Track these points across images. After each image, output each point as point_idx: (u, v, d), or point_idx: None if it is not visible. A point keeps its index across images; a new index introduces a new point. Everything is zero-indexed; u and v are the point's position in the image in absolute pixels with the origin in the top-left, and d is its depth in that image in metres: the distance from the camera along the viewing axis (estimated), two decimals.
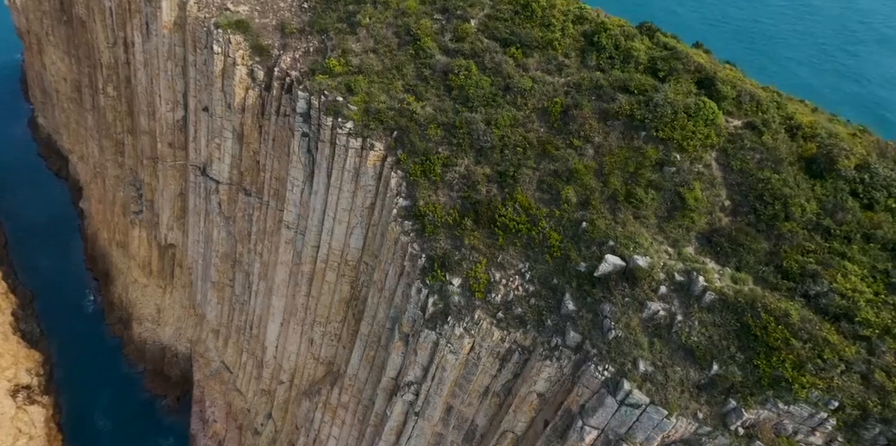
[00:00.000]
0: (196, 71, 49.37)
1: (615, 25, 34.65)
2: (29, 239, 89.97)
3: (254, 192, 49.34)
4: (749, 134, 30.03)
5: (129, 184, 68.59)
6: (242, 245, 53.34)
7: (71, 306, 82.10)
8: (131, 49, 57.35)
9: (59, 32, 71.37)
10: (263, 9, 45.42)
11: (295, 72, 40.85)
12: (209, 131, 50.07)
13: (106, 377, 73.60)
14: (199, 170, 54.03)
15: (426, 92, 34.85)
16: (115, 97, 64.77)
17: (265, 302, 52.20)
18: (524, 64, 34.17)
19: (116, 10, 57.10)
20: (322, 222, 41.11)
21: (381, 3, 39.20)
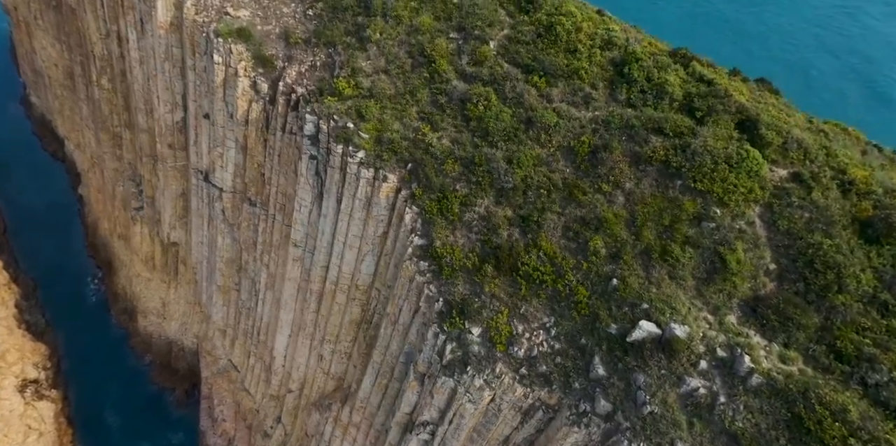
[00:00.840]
0: (195, 75, 47.17)
1: (646, 54, 32.41)
2: (28, 224, 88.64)
3: (259, 204, 47.87)
4: (796, 188, 28.22)
5: (129, 179, 66.85)
6: (248, 253, 52.22)
7: (74, 295, 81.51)
8: (126, 44, 54.76)
9: (48, 17, 68.23)
10: (265, 14, 42.89)
11: (301, 88, 38.77)
12: (210, 139, 48.21)
13: (113, 369, 73.62)
14: (201, 174, 52.37)
15: (442, 121, 32.99)
16: (111, 90, 62.36)
17: (272, 311, 51.46)
18: (548, 94, 32.17)
19: (108, 3, 54.22)
20: (331, 245, 39.87)
21: (393, 18, 36.78)
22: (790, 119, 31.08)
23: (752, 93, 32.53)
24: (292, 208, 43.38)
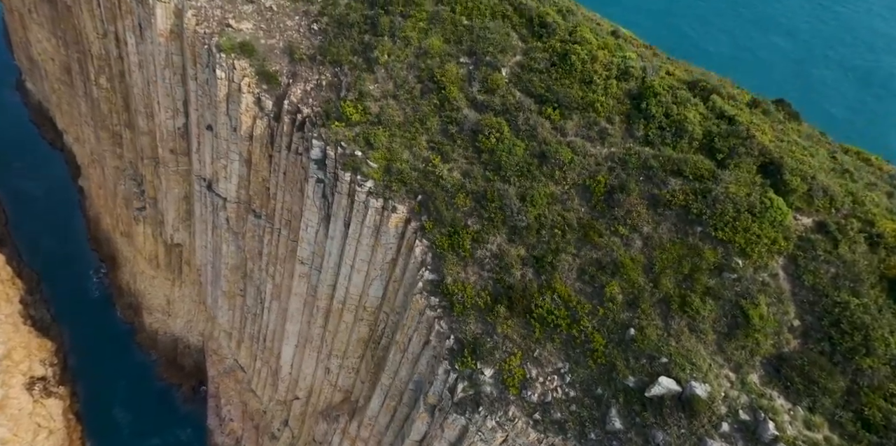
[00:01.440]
0: (197, 85, 46.11)
1: (664, 87, 31.36)
2: (29, 216, 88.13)
3: (264, 216, 47.37)
4: (822, 240, 27.47)
5: (130, 178, 66.14)
6: (253, 262, 51.93)
7: (78, 289, 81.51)
8: (124, 47, 53.43)
9: (42, 11, 66.45)
10: (269, 27, 41.65)
11: (307, 108, 37.86)
12: (213, 150, 47.40)
13: (120, 365, 74.06)
14: (205, 182, 51.70)
15: (453, 151, 32.27)
16: (109, 89, 61.16)
17: (278, 321, 51.44)
18: (562, 127, 31.32)
19: (105, 4, 52.66)
20: (339, 266, 39.54)
21: (401, 38, 35.64)
22: (813, 160, 30.03)
23: (773, 128, 31.36)
24: (298, 225, 42.90)
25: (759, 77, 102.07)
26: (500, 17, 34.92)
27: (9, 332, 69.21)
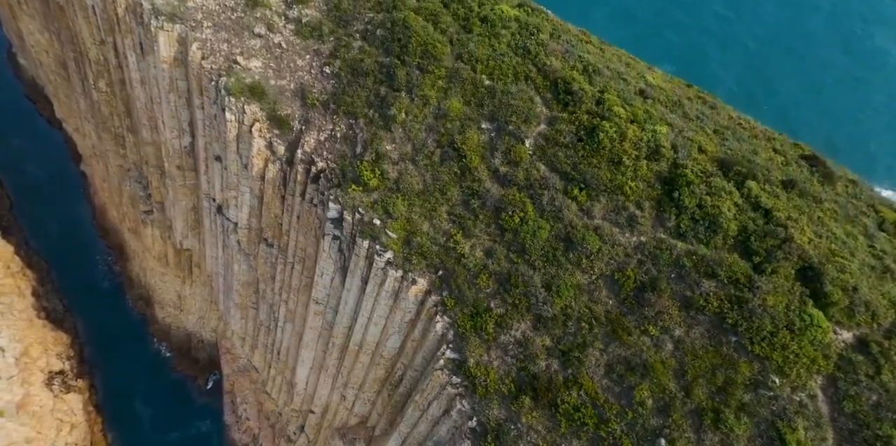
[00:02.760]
0: (204, 115, 44.66)
1: (696, 173, 30.12)
2: (34, 199, 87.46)
3: (276, 247, 47.00)
4: (864, 362, 26.95)
5: (135, 180, 65.12)
6: (266, 284, 51.98)
7: (88, 277, 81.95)
8: (124, 59, 51.26)
9: (33, 4, 63.27)
10: (279, 66, 39.82)
11: (321, 161, 36.81)
12: (223, 180, 46.48)
13: (136, 355, 75.57)
14: (214, 203, 50.99)
15: (474, 227, 31.63)
16: (110, 93, 59.17)
17: (293, 341, 52.07)
18: (588, 209, 30.45)
19: (101, 15, 50.07)
20: (356, 314, 39.61)
21: (419, 96, 34.13)
22: (854, 261, 28.97)
23: (811, 219, 29.89)
24: (313, 265, 42.66)
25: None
26: (524, 79, 33.30)
27: (24, 329, 70.22)
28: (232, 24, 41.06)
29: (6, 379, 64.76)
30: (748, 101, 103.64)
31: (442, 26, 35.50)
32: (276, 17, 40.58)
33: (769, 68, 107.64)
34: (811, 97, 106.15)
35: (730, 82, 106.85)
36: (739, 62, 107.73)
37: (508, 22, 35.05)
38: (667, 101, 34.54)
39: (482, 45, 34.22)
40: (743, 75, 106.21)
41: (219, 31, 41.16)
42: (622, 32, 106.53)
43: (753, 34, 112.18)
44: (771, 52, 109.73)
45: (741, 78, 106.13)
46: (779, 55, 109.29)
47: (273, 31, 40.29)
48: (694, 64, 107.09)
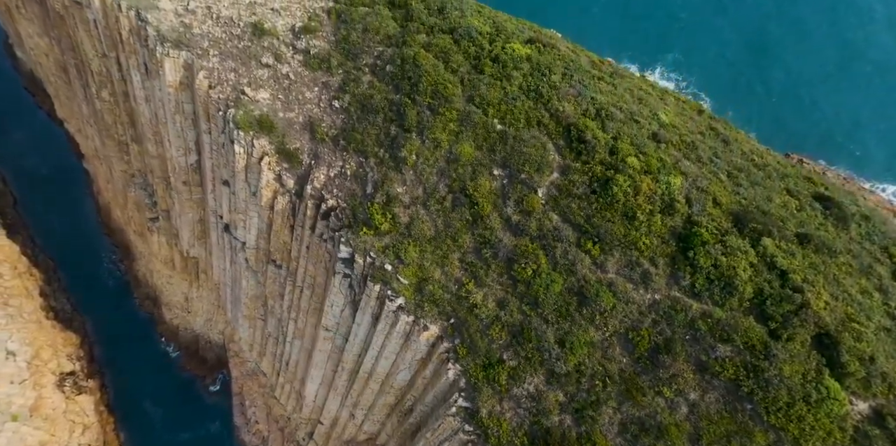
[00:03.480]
0: (211, 140, 44.30)
1: (711, 231, 29.92)
2: (37, 195, 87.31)
3: (286, 269, 47.16)
4: (880, 435, 27.14)
5: (140, 187, 64.91)
6: (274, 301, 52.33)
7: (94, 275, 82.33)
8: (127, 76, 50.52)
9: (32, 9, 62.01)
10: (287, 98, 39.33)
11: (331, 199, 36.71)
12: (231, 203, 46.40)
13: (144, 355, 76.44)
14: (221, 220, 51.01)
15: (486, 276, 31.74)
16: (113, 103, 58.50)
17: (302, 356, 52.67)
18: (602, 263, 30.44)
19: (104, 32, 49.16)
20: (366, 346, 40.01)
21: (430, 139, 33.82)
22: (870, 326, 29.03)
23: (826, 279, 29.76)
24: (323, 293, 42.91)
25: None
26: (536, 124, 32.94)
27: (34, 331, 70.97)
28: (239, 52, 40.41)
29: (18, 384, 65.78)
30: (748, 91, 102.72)
31: (453, 65, 34.96)
32: (283, 47, 39.90)
33: (770, 57, 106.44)
34: (807, 88, 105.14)
35: (728, 74, 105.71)
36: (740, 56, 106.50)
37: (520, 63, 34.49)
38: (680, 142, 34.22)
39: (494, 88, 33.76)
40: (741, 66, 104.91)
41: (226, 60, 40.54)
42: (623, 23, 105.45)
43: (753, 23, 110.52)
44: (768, 37, 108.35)
45: (741, 69, 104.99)
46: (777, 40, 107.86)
47: (281, 61, 39.68)
48: (695, 51, 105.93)
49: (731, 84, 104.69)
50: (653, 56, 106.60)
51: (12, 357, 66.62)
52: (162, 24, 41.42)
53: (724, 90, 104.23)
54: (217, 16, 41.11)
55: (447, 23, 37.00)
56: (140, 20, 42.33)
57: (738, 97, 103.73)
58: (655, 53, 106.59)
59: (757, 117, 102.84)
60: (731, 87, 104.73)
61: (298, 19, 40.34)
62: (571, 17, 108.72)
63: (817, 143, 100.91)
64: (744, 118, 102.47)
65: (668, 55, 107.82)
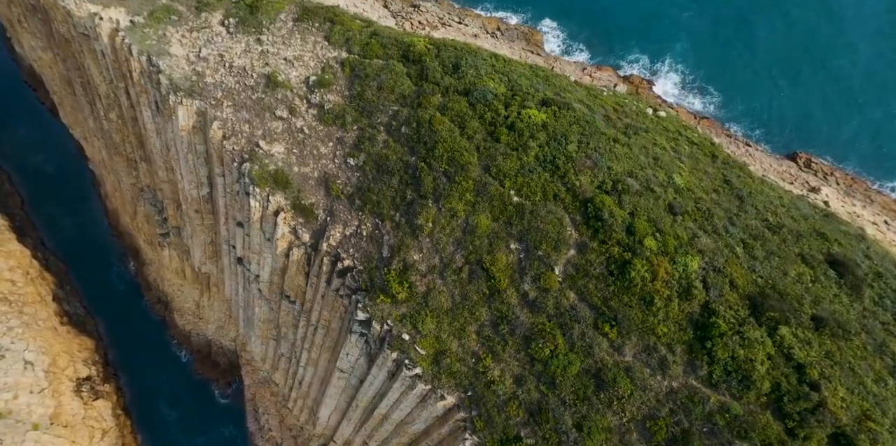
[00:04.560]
0: (224, 184, 44.42)
1: (728, 321, 30.36)
2: (44, 194, 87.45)
3: (300, 306, 47.94)
4: None
5: (150, 203, 65.11)
6: (287, 328, 53.32)
7: (105, 277, 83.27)
8: (138, 108, 50.15)
9: (34, 25, 60.87)
10: (302, 153, 39.37)
11: (348, 259, 37.22)
12: (245, 243, 46.81)
13: (158, 358, 78.09)
14: (234, 250, 51.48)
15: (503, 352, 32.52)
16: (121, 124, 58.17)
17: (315, 381, 53.93)
18: (619, 347, 31.08)
19: (112, 65, 48.57)
20: (381, 395, 41.04)
21: (447, 209, 34.09)
22: (885, 423, 29.66)
23: (842, 372, 30.21)
24: (337, 335, 43.81)
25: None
26: (552, 198, 33.12)
27: (49, 339, 72.44)
28: (253, 104, 40.21)
29: (38, 393, 67.62)
30: (757, 85, 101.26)
31: (469, 132, 34.91)
32: (297, 100, 39.66)
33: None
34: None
35: (736, 67, 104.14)
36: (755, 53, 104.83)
37: (536, 131, 34.41)
38: (695, 211, 34.41)
39: (510, 158, 33.83)
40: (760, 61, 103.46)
41: (239, 111, 40.38)
42: (632, 11, 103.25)
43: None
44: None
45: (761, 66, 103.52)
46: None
47: (295, 114, 39.53)
48: (703, 43, 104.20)
49: (739, 77, 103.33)
50: (661, 45, 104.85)
51: (31, 366, 68.24)
52: (174, 71, 41.05)
53: (733, 83, 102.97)
54: (230, 65, 40.70)
55: (462, 83, 36.73)
56: (152, 65, 41.91)
57: (747, 91, 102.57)
58: (663, 43, 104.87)
59: (766, 112, 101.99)
60: (739, 81, 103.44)
61: (312, 71, 39.98)
62: (581, 10, 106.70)
63: (825, 140, 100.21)
64: (752, 113, 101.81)
65: (677, 44, 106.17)
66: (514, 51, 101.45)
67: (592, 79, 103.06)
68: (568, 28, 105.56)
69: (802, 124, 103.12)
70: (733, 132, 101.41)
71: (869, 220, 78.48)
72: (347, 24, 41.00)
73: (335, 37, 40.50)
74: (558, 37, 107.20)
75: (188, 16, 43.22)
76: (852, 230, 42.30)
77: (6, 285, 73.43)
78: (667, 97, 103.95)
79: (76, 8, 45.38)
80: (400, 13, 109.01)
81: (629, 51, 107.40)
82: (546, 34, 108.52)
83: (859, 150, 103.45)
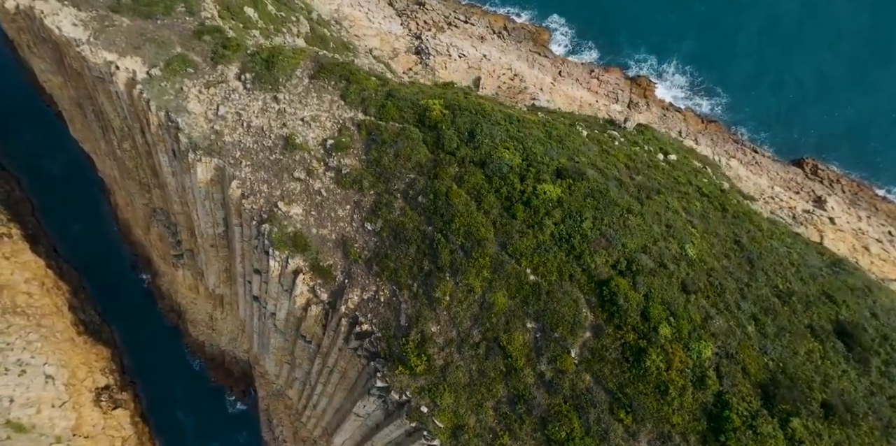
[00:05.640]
0: (242, 234, 45.25)
1: (741, 414, 31.49)
2: (54, 200, 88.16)
3: (315, 346, 49.30)
4: None
5: (163, 225, 65.95)
6: (302, 360, 54.83)
7: (118, 283, 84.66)
8: (154, 152, 50.54)
9: (44, 52, 60.59)
10: (320, 215, 40.14)
11: (366, 324, 38.39)
12: (262, 288, 47.89)
13: (172, 364, 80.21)
14: (249, 286, 52.63)
15: (520, 430, 33.83)
16: (135, 155, 58.60)
17: (329, 410, 55.78)
18: (635, 432, 32.32)
19: (128, 108, 48.78)
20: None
21: (464, 284, 35.08)
22: None
23: None
24: (353, 383, 45.23)
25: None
26: (568, 278, 34.05)
27: (67, 350, 74.38)
28: (271, 164, 40.78)
29: (59, 407, 69.86)
30: (764, 87, 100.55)
31: (485, 207, 35.63)
32: (315, 162, 40.21)
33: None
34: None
35: (743, 69, 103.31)
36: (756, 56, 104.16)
37: (552, 208, 35.13)
38: (708, 287, 35.41)
39: (526, 237, 34.66)
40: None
41: (258, 171, 40.98)
42: (641, 11, 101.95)
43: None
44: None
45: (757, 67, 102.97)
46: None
47: (313, 176, 40.14)
48: (711, 44, 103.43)
49: (747, 78, 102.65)
50: (669, 45, 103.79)
51: (51, 380, 70.30)
52: (193, 130, 41.48)
53: (740, 86, 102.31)
54: (248, 124, 41.09)
55: (478, 154, 37.24)
56: (170, 121, 42.28)
57: (754, 94, 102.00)
58: (671, 43, 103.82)
59: (773, 116, 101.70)
60: (746, 83, 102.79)
61: (329, 132, 40.40)
62: (588, 5, 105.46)
63: (833, 145, 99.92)
64: (759, 116, 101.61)
65: (684, 44, 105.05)
66: (522, 53, 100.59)
67: (600, 82, 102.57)
68: (576, 25, 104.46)
69: (811, 128, 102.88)
70: (740, 136, 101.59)
71: (874, 238, 79.39)
72: (363, 82, 41.15)
73: (351, 96, 40.76)
74: (566, 35, 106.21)
75: (204, 68, 43.36)
76: (859, 283, 43.13)
77: (23, 298, 74.93)
78: (675, 100, 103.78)
79: (91, 55, 45.45)
80: (405, 12, 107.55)
81: (636, 49, 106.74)
82: (554, 32, 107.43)
83: (866, 154, 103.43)
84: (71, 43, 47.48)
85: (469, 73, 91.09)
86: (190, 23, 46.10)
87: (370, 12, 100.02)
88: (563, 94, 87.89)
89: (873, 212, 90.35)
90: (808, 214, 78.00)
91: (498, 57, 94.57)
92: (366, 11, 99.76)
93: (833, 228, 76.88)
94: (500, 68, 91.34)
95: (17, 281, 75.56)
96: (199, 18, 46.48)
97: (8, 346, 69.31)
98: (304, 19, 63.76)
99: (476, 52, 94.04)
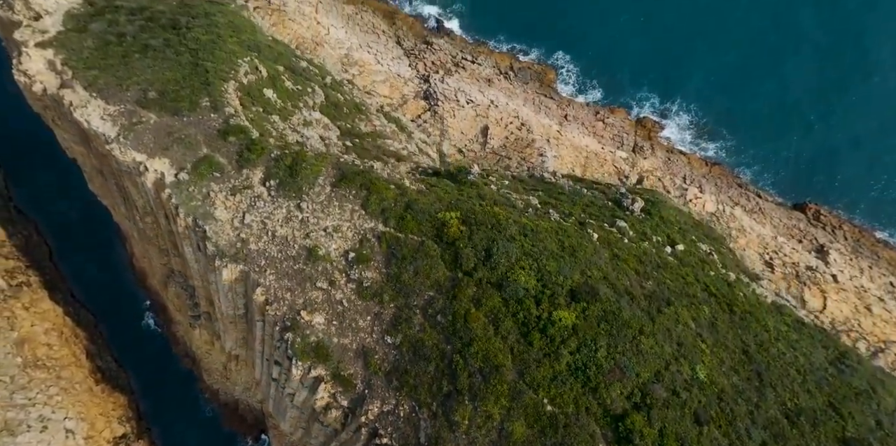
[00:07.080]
0: (265, 333, 46.88)
1: None
2: (70, 244, 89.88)
3: (333, 431, 51.08)
4: None
5: (181, 286, 67.66)
6: (318, 437, 56.63)
7: (133, 329, 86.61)
8: (179, 240, 52.05)
9: (69, 127, 62.02)
10: (341, 324, 41.79)
11: (385, 437, 40.08)
12: (283, 377, 49.57)
13: (187, 409, 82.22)
14: (269, 369, 54.35)
15: None
16: (157, 228, 60.19)
17: None
18: None
19: (156, 203, 50.31)
20: None
21: (482, 411, 36.79)
22: None
23: None
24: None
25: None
26: (584, 410, 35.75)
27: (86, 402, 76.37)
28: (294, 273, 42.37)
29: None
30: (768, 129, 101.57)
31: (503, 332, 37.28)
32: (336, 273, 41.80)
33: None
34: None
35: (748, 111, 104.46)
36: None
37: (567, 337, 36.79)
38: (720, 415, 37.05)
39: (543, 367, 36.34)
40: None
41: (282, 279, 42.59)
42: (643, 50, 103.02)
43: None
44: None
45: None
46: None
47: (334, 287, 41.74)
48: (717, 83, 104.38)
49: (750, 121, 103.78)
50: (672, 84, 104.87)
51: (72, 435, 72.35)
52: (220, 238, 43.03)
53: (744, 125, 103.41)
54: (272, 233, 42.66)
55: (495, 275, 38.84)
56: (197, 227, 43.85)
57: (758, 135, 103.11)
58: (675, 81, 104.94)
59: (776, 158, 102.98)
60: (750, 124, 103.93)
61: (350, 244, 41.96)
62: (593, 43, 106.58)
63: (837, 188, 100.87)
64: (763, 158, 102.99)
65: (689, 83, 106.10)
66: (529, 96, 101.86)
67: (605, 125, 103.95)
68: (580, 63, 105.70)
69: (813, 170, 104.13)
70: (744, 180, 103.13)
71: (876, 296, 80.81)
72: (383, 192, 42.69)
73: (371, 206, 42.32)
74: (572, 73, 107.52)
75: (230, 171, 44.87)
76: (864, 384, 44.58)
77: (43, 350, 76.90)
78: (680, 144, 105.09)
79: (121, 154, 46.96)
80: (413, 51, 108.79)
81: (639, 88, 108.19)
82: (560, 70, 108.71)
83: (869, 197, 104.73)
84: (100, 137, 48.98)
85: (477, 122, 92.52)
86: (215, 120, 47.51)
87: (379, 54, 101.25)
88: (570, 145, 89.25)
89: (875, 260, 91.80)
90: (811, 272, 79.54)
91: (505, 103, 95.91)
92: (374, 53, 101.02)
93: (836, 287, 78.36)
94: (508, 116, 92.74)
95: (37, 332, 77.48)
96: (223, 115, 47.90)
97: (30, 402, 71.32)
98: (319, 88, 65.13)
99: (484, 98, 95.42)
